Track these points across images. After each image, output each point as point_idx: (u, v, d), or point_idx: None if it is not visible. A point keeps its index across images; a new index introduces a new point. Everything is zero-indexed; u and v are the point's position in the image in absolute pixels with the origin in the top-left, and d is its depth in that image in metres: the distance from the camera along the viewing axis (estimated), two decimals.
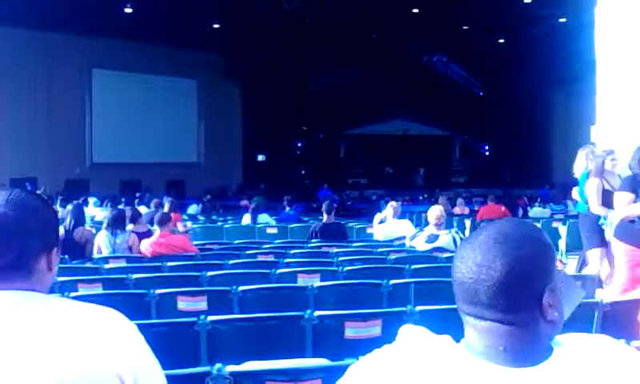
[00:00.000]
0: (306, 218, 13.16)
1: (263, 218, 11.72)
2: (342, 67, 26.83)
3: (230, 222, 12.87)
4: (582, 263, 7.47)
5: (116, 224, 6.88)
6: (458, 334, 1.17)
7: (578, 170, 7.15)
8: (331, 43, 24.89)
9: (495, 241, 1.07)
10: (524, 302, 1.05)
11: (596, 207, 6.11)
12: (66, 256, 6.30)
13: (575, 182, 7.03)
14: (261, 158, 31.18)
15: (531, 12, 23.05)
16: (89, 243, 6.74)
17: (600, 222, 6.23)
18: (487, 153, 33.58)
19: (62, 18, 20.43)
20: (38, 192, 6.67)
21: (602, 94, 7.52)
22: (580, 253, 8.12)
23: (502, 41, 27.04)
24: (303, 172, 31.50)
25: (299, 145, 32.81)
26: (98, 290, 4.85)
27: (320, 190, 24.62)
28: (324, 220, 8.57)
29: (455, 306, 1.15)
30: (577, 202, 7.17)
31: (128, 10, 21.53)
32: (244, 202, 16.28)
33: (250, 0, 21.46)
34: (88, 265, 6.20)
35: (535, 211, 14.47)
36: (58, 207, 11.82)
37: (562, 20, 22.57)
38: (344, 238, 8.51)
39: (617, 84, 7.19)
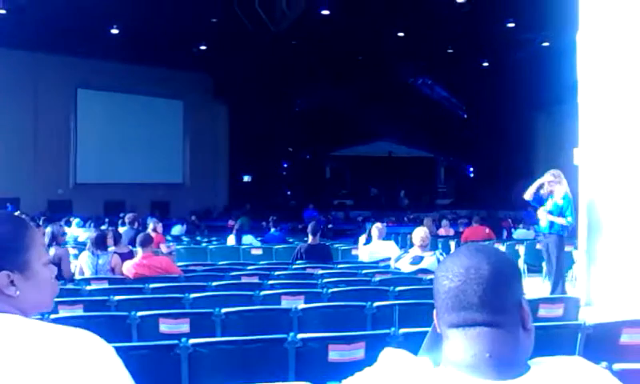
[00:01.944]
0: (291, 239, 13.11)
1: (248, 238, 11.66)
2: (327, 89, 26.98)
3: (214, 242, 12.79)
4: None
5: (98, 245, 6.83)
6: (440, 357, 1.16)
7: (559, 194, 7.34)
8: (317, 65, 25.03)
9: (476, 249, 1.15)
10: (509, 304, 1.10)
11: None
12: None
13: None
14: (246, 178, 31.14)
15: (515, 36, 23.36)
16: (63, 261, 6.66)
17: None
18: (472, 174, 33.80)
19: (48, 38, 20.42)
20: (16, 213, 6.58)
21: (584, 116, 7.61)
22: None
23: (486, 64, 27.35)
24: (289, 193, 31.48)
25: (285, 165, 32.83)
26: (79, 311, 4.79)
27: (305, 210, 24.60)
28: (309, 241, 8.55)
29: None
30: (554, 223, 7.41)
31: (114, 31, 21.55)
32: (231, 223, 16.22)
33: (236, 21, 21.56)
34: (69, 286, 6.12)
35: (519, 233, 14.54)
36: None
37: (545, 44, 22.89)
38: (329, 260, 8.48)
39: (598, 107, 7.27)
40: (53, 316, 4.27)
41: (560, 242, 7.69)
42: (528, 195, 7.85)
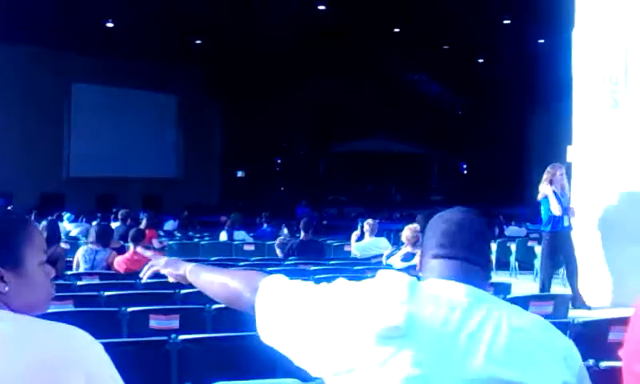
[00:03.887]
0: (282, 237, 13.08)
1: (240, 234, 11.65)
2: (322, 84, 26.94)
3: (206, 238, 12.76)
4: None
5: (100, 239, 6.75)
6: None
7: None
8: (312, 60, 25.00)
9: (467, 209, 1.55)
10: (485, 251, 1.49)
11: None
12: None
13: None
14: (240, 173, 31.10)
15: (510, 33, 23.39)
16: (60, 260, 6.62)
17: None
18: (465, 171, 33.85)
19: (42, 33, 20.30)
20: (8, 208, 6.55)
21: (578, 114, 7.62)
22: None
23: (481, 61, 27.38)
24: (283, 188, 31.45)
25: (279, 161, 32.79)
26: (69, 306, 4.76)
27: (298, 206, 24.58)
28: (301, 237, 8.54)
29: None
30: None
31: (109, 25, 21.46)
32: (224, 219, 16.17)
33: (230, 16, 21.51)
34: (60, 281, 6.09)
35: (511, 230, 14.58)
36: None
37: (541, 41, 22.92)
38: (321, 256, 8.47)
39: (593, 104, 7.28)
40: None
41: (545, 240, 7.59)
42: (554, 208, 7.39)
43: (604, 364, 2.59)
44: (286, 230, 13.33)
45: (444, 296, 1.37)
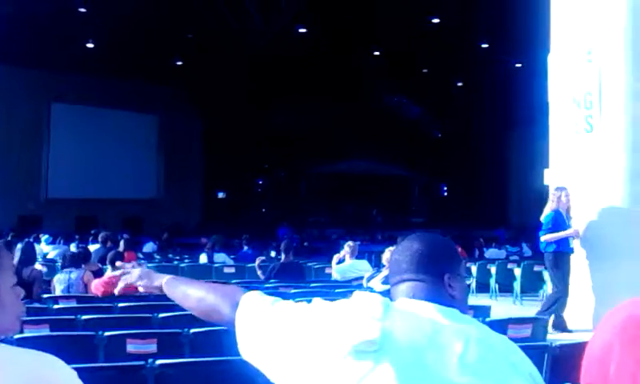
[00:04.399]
0: (264, 258, 13.03)
1: (220, 257, 11.58)
2: (303, 106, 27.05)
3: (186, 261, 12.66)
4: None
5: (73, 261, 6.73)
6: None
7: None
8: (293, 82, 25.11)
9: (417, 235, 1.62)
10: (429, 271, 1.53)
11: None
12: None
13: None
14: (221, 195, 30.99)
15: (489, 57, 23.74)
16: (36, 282, 6.54)
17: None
18: (446, 193, 34.07)
19: (20, 52, 20.20)
20: None
21: (554, 137, 7.73)
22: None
23: (460, 84, 27.71)
24: (264, 210, 31.37)
25: (260, 182, 32.73)
26: (45, 331, 4.69)
27: (279, 228, 24.53)
28: (282, 259, 8.52)
29: None
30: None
31: (89, 45, 21.41)
32: (204, 241, 16.08)
33: (212, 37, 21.58)
34: (36, 305, 6.00)
35: (491, 252, 14.65)
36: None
37: (518, 65, 23.28)
38: (302, 278, 8.45)
39: (568, 129, 7.39)
40: (17, 336, 4.18)
41: (549, 262, 7.42)
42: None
43: None
44: (273, 253, 13.24)
45: (415, 313, 1.44)
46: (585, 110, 7.13)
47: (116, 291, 2.00)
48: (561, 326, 6.99)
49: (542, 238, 7.28)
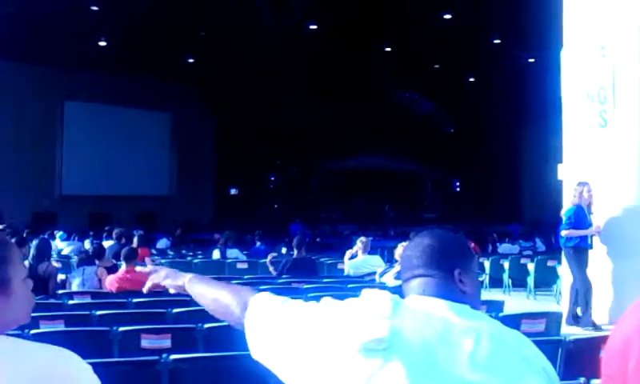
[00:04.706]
0: (276, 254, 13.06)
1: (233, 252, 11.62)
2: (314, 103, 27.05)
3: (199, 257, 12.72)
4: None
5: (86, 260, 6.81)
6: None
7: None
8: (305, 79, 25.11)
9: (428, 231, 1.63)
10: (440, 266, 1.52)
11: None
12: None
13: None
14: (233, 191, 31.07)
15: (501, 52, 23.62)
16: (52, 278, 6.60)
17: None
18: (458, 189, 33.94)
19: (33, 50, 20.35)
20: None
21: (567, 133, 7.68)
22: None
23: (472, 79, 27.58)
24: (276, 206, 31.43)
25: (272, 179, 32.79)
26: (60, 326, 4.74)
27: (292, 224, 24.57)
28: (295, 255, 8.54)
29: None
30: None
31: (102, 44, 21.53)
32: (217, 237, 16.15)
33: (223, 35, 21.63)
34: (52, 301, 6.06)
35: (504, 247, 14.59)
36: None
37: (531, 60, 23.13)
38: (314, 274, 8.46)
39: (581, 124, 7.34)
40: (33, 331, 4.23)
41: (569, 257, 7.23)
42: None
43: (595, 382, 2.60)
44: (284, 250, 13.28)
45: (425, 310, 1.44)
46: (599, 104, 7.08)
47: (145, 290, 2.04)
48: (589, 323, 6.84)
49: (563, 233, 7.14)
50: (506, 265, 10.93)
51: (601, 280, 6.93)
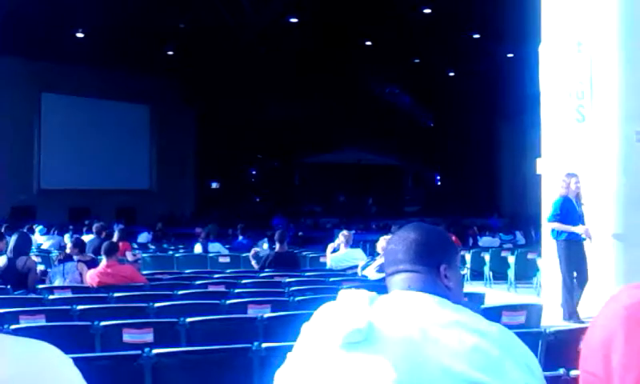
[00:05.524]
0: (258, 249, 13.05)
1: (215, 246, 11.59)
2: (296, 96, 27.01)
3: (181, 251, 12.68)
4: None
5: (66, 257, 6.77)
6: None
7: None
8: (285, 72, 25.06)
9: (413, 225, 1.65)
10: (425, 261, 1.55)
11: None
12: (8, 286, 6.09)
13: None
14: (214, 185, 30.95)
15: (480, 47, 23.77)
16: (31, 273, 6.54)
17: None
18: (439, 182, 34.15)
19: (10, 41, 20.03)
20: None
21: (546, 127, 7.77)
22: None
23: (452, 74, 27.72)
24: (258, 200, 31.37)
25: (253, 173, 32.71)
26: (40, 321, 4.70)
27: (274, 218, 24.55)
28: (277, 249, 8.54)
29: None
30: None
31: (80, 35, 21.26)
32: (198, 231, 16.09)
33: (203, 27, 21.49)
34: (32, 296, 6.01)
35: (485, 240, 14.74)
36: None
37: (510, 55, 23.31)
38: (296, 267, 8.48)
39: (560, 119, 7.43)
40: (13, 326, 4.20)
41: (560, 250, 7.15)
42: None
43: (574, 373, 2.64)
44: (265, 245, 13.27)
45: (408, 305, 1.46)
46: (576, 99, 7.18)
47: None
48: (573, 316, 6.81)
49: (550, 225, 7.09)
50: (487, 258, 11.05)
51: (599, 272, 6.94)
